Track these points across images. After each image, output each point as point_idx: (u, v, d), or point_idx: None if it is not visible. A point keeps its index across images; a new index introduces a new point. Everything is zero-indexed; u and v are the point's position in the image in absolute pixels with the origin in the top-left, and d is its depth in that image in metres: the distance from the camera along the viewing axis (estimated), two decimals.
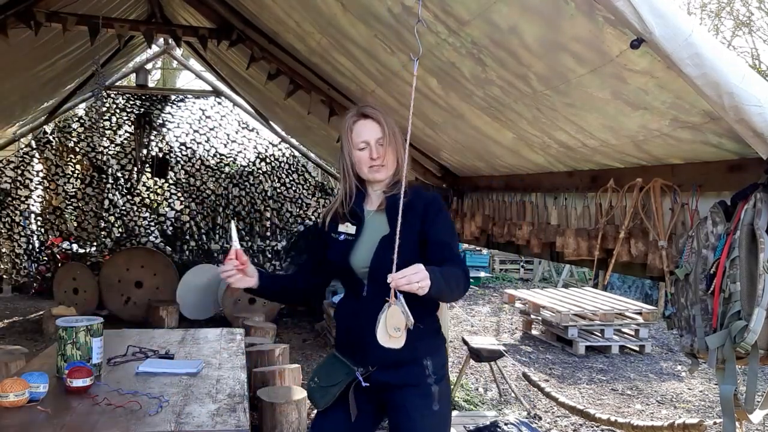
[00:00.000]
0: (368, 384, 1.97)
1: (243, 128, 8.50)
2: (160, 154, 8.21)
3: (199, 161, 8.32)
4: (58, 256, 8.15)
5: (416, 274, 1.61)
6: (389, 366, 1.94)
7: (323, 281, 2.20)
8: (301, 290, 2.17)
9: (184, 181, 8.27)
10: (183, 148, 8.30)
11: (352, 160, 1.97)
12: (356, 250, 1.97)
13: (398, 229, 1.69)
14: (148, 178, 8.32)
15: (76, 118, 8.16)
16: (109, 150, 8.13)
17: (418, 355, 1.95)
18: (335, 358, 2.06)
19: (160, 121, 8.26)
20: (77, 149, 8.06)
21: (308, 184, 8.60)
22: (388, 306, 1.65)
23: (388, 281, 1.62)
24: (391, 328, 1.65)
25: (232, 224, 2.10)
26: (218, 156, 8.41)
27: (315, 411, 2.11)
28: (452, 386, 4.30)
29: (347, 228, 2.01)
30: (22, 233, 7.94)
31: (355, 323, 1.99)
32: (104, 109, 7.98)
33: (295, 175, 8.58)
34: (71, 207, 8.06)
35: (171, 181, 8.26)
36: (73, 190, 8.06)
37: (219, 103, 8.46)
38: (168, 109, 8.31)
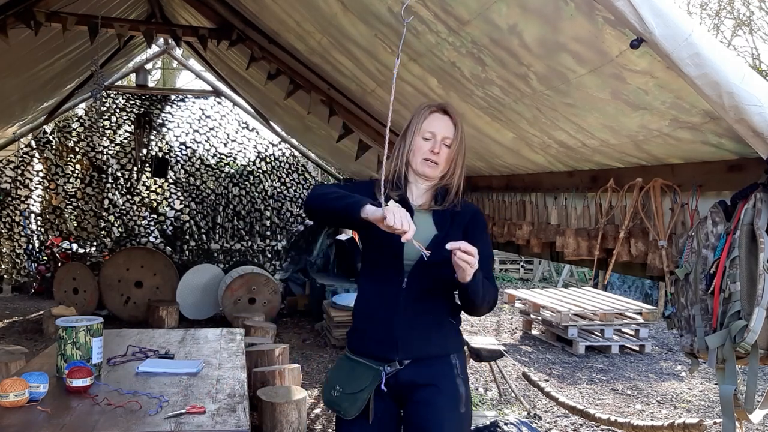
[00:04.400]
0: (389, 387, 1.92)
1: (243, 128, 8.50)
2: (160, 154, 8.20)
3: (199, 161, 8.32)
4: (58, 255, 8.15)
5: (473, 256, 1.68)
6: (419, 360, 1.92)
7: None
8: None
9: (183, 180, 8.27)
10: (183, 147, 8.30)
11: (412, 146, 1.98)
12: (410, 243, 1.81)
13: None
14: (148, 178, 8.32)
15: (76, 118, 8.15)
16: (109, 150, 8.12)
17: (448, 351, 1.97)
18: (353, 362, 1.98)
19: (160, 121, 8.25)
20: (77, 149, 8.06)
21: (308, 184, 8.61)
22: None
23: (448, 247, 1.68)
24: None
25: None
26: (218, 156, 8.41)
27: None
28: None
29: None
30: (22, 233, 7.94)
31: (386, 315, 1.92)
32: (104, 109, 7.97)
33: (295, 175, 8.59)
34: (71, 207, 8.06)
35: (171, 181, 8.26)
36: (73, 189, 8.05)
37: (219, 103, 8.46)
38: (168, 108, 8.31)
